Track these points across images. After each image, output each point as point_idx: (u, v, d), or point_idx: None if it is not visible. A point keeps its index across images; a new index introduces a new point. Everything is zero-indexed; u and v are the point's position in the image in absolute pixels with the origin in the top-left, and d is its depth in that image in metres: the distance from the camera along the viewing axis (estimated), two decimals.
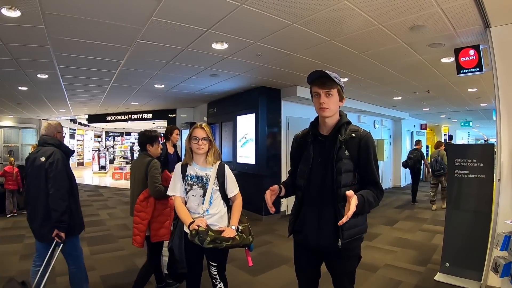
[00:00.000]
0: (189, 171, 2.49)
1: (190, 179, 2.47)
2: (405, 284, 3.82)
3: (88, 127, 21.10)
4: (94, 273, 4.07)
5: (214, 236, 2.26)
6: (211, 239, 2.23)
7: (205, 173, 2.47)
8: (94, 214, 7.68)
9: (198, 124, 2.52)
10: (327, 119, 1.95)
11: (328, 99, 1.90)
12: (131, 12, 3.35)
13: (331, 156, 1.90)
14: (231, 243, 2.29)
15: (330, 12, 3.31)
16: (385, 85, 7.10)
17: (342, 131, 1.92)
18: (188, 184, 2.46)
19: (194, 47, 4.43)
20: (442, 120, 16.17)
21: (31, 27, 3.67)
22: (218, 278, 2.52)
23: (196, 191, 2.44)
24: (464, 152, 4.00)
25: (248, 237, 2.44)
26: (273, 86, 7.34)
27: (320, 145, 2.00)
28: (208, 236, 2.23)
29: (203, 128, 2.48)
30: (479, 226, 3.76)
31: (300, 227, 2.04)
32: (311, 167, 1.99)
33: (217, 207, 2.47)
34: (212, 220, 2.44)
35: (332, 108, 1.91)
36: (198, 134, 2.43)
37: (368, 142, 1.89)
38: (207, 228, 2.32)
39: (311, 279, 2.12)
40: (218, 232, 2.32)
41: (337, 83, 1.90)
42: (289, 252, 4.02)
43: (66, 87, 7.28)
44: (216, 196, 2.47)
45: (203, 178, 2.45)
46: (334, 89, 1.90)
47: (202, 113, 10.24)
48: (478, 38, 3.90)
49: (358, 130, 1.93)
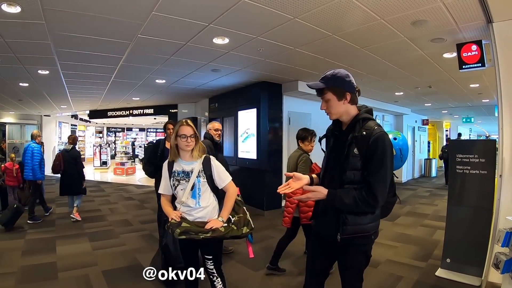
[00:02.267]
0: (175, 167, 2.52)
1: (177, 174, 2.50)
2: (406, 280, 3.82)
3: (89, 122, 21.09)
4: (95, 269, 4.09)
5: (185, 227, 2.30)
6: (182, 231, 2.27)
7: (191, 167, 2.49)
8: (96, 210, 7.70)
9: (184, 121, 2.53)
10: (340, 117, 1.98)
11: (327, 104, 1.94)
12: (131, 7, 3.33)
13: (342, 152, 1.89)
14: (210, 234, 2.30)
15: (332, 7, 3.28)
16: (387, 80, 7.08)
17: (356, 127, 1.89)
18: (176, 180, 2.49)
19: (195, 42, 4.42)
20: (443, 116, 16.13)
21: (32, 23, 3.66)
22: (215, 272, 2.52)
23: (183, 186, 2.47)
24: (466, 148, 3.98)
25: (241, 228, 2.45)
26: (275, 81, 7.32)
27: (337, 139, 2.02)
28: (178, 228, 2.28)
29: (190, 125, 2.50)
30: (480, 222, 3.75)
31: (315, 215, 2.13)
32: (327, 160, 2.05)
33: (207, 199, 2.50)
34: (204, 213, 2.46)
35: (334, 111, 1.94)
36: (186, 132, 2.45)
37: (377, 142, 1.79)
38: (181, 220, 2.37)
39: (318, 273, 2.12)
40: (201, 224, 2.36)
41: (324, 86, 1.90)
42: (291, 247, 4.03)
43: (67, 83, 7.28)
44: (205, 189, 2.49)
45: (189, 173, 2.48)
46: (327, 93, 1.91)
47: (204, 108, 10.23)
48: (480, 33, 3.87)
49: (372, 128, 1.85)
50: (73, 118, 17.86)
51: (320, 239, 2.07)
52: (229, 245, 4.68)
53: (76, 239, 5.31)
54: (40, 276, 3.84)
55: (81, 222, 6.45)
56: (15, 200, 7.24)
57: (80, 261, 4.33)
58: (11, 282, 3.67)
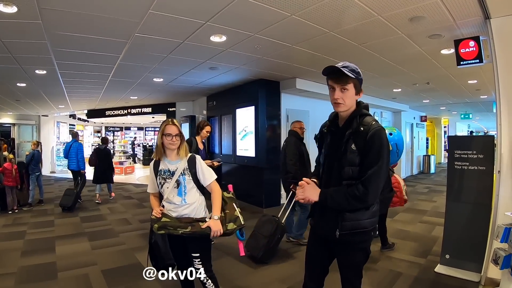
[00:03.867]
0: (161, 166, 2.59)
1: (163, 173, 2.56)
2: (405, 276, 3.83)
3: (87, 122, 21.02)
4: (95, 268, 4.09)
5: (163, 222, 2.39)
6: (159, 226, 2.37)
7: (176, 166, 2.56)
8: (95, 209, 7.69)
9: (169, 120, 2.60)
10: (345, 111, 1.94)
11: (343, 94, 1.87)
12: (128, 5, 3.32)
13: (340, 148, 1.90)
14: (190, 230, 2.37)
15: (329, 3, 3.28)
16: (385, 77, 7.07)
17: (354, 123, 1.89)
18: (162, 178, 2.56)
19: (193, 40, 4.41)
20: (442, 112, 16.15)
21: (28, 23, 3.65)
22: (204, 272, 2.50)
23: (169, 184, 2.53)
24: (464, 144, 3.99)
25: (225, 224, 2.50)
26: (273, 79, 7.31)
27: (334, 136, 2.02)
28: (157, 223, 2.38)
29: (175, 124, 2.57)
30: (479, 218, 3.76)
31: (313, 213, 2.12)
32: (325, 157, 2.05)
33: (192, 196, 2.56)
34: (191, 209, 2.54)
35: (347, 103, 1.89)
36: (171, 131, 2.51)
37: (374, 137, 1.80)
38: (161, 216, 2.45)
39: (317, 271, 2.12)
40: (186, 220, 2.46)
41: (353, 77, 1.85)
42: (289, 244, 4.04)
43: (64, 82, 7.25)
44: (191, 186, 2.56)
45: (174, 172, 2.54)
46: (350, 84, 1.87)
47: (202, 106, 10.22)
48: (478, 29, 3.86)
49: (369, 124, 1.85)
50: (71, 117, 17.81)
51: (319, 237, 2.07)
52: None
53: (76, 239, 5.31)
54: (40, 276, 3.83)
55: (80, 221, 6.48)
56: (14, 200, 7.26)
57: (80, 260, 4.33)
58: (10, 282, 3.67)
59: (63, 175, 14.70)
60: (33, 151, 7.80)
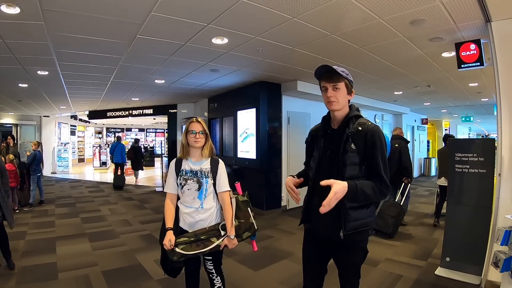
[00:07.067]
0: (183, 166, 2.50)
1: (185, 173, 2.48)
2: (405, 278, 3.83)
3: (88, 123, 21.05)
4: (96, 269, 4.09)
5: (181, 254, 2.32)
6: (179, 258, 2.33)
7: (200, 167, 2.48)
8: (95, 210, 7.70)
9: (194, 118, 2.54)
10: (336, 112, 1.98)
11: (336, 92, 1.93)
12: (130, 8, 3.33)
13: (338, 149, 1.93)
14: (207, 250, 2.37)
15: (330, 6, 3.29)
16: (386, 79, 7.08)
17: (350, 124, 1.95)
18: (183, 179, 2.47)
19: (194, 42, 4.42)
20: (443, 115, 16.12)
21: (31, 24, 3.66)
22: (214, 272, 2.54)
23: (191, 185, 2.45)
24: (465, 147, 3.99)
25: (241, 235, 2.50)
26: (274, 81, 7.32)
27: (329, 138, 2.04)
28: (174, 256, 2.32)
29: (200, 122, 2.50)
30: (479, 220, 3.76)
31: (309, 216, 2.11)
32: (320, 160, 2.05)
33: (210, 201, 2.49)
34: (207, 215, 2.47)
35: (340, 101, 1.94)
36: (195, 128, 2.45)
37: (375, 136, 1.88)
38: (174, 245, 2.34)
39: (316, 272, 2.13)
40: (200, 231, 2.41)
41: (343, 76, 1.92)
42: (290, 246, 4.05)
43: (66, 83, 7.27)
44: (211, 190, 2.48)
45: (197, 172, 2.46)
46: (341, 83, 1.92)
47: (203, 108, 10.23)
48: (479, 32, 3.87)
49: (366, 124, 1.93)
50: (73, 118, 17.85)
51: (315, 239, 2.09)
52: None
53: (76, 239, 5.32)
54: (40, 277, 3.84)
55: (81, 222, 6.49)
56: (15, 201, 7.27)
57: (80, 261, 4.34)
58: (11, 282, 3.68)
59: (64, 176, 14.73)
60: (34, 152, 7.82)
